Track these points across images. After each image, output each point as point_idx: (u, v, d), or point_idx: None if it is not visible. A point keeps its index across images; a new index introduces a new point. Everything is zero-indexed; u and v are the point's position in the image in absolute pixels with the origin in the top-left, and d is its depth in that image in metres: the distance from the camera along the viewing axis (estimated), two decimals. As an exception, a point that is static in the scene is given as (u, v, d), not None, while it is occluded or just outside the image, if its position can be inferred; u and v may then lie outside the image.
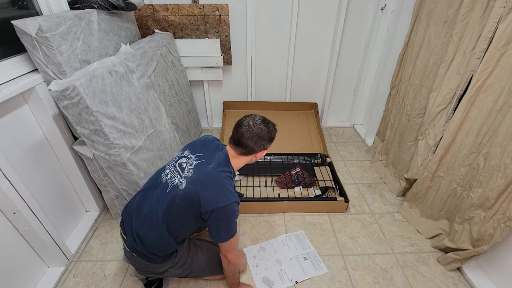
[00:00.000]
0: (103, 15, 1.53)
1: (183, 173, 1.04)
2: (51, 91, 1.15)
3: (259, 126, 1.07)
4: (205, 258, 1.25)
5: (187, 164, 1.07)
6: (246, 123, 1.08)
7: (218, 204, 0.98)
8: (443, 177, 1.51)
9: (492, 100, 1.23)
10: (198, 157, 1.08)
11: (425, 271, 1.42)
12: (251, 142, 1.06)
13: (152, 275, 1.19)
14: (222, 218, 1.01)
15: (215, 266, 1.26)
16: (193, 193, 0.98)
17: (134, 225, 1.08)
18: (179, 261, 1.18)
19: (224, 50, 2.28)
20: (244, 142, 1.06)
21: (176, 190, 1.01)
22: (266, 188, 1.89)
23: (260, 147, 1.09)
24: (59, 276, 1.36)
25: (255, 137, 1.06)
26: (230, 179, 1.07)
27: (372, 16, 2.21)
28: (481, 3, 1.24)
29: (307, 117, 2.56)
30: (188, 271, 1.22)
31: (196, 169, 1.04)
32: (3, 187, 1.06)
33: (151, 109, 1.65)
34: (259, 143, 1.08)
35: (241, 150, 1.09)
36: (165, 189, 1.04)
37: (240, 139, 1.07)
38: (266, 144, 1.11)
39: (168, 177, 1.07)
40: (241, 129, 1.07)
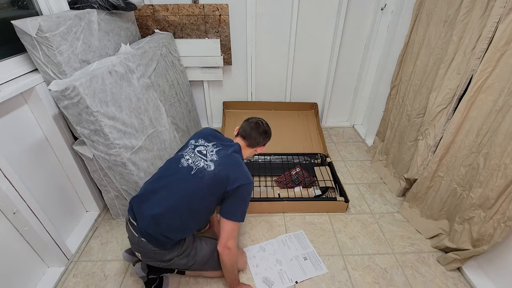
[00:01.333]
0: (103, 15, 1.53)
1: (207, 158, 1.15)
2: (51, 91, 1.15)
3: (266, 125, 1.32)
4: (208, 250, 1.27)
5: (207, 151, 1.18)
6: (255, 121, 1.30)
7: (244, 181, 1.11)
8: (443, 177, 1.51)
9: (492, 100, 1.23)
10: (215, 145, 1.21)
11: (425, 271, 1.42)
12: (259, 136, 1.27)
13: (157, 263, 1.18)
14: (243, 196, 1.14)
15: (217, 260, 1.27)
16: (222, 173, 1.10)
17: (151, 208, 1.08)
18: (185, 250, 1.19)
19: (224, 50, 2.28)
20: (254, 135, 1.27)
21: (203, 172, 1.10)
22: (266, 188, 1.89)
23: (262, 142, 1.30)
24: (59, 276, 1.36)
25: (263, 133, 1.29)
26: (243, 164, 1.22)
27: (372, 16, 2.21)
28: (481, 3, 1.24)
29: (307, 117, 2.56)
30: (192, 262, 1.23)
31: (218, 154, 1.16)
32: (3, 187, 1.06)
33: (151, 109, 1.65)
34: (263, 138, 1.30)
35: (248, 142, 1.27)
36: (189, 172, 1.11)
37: (250, 133, 1.27)
38: (266, 140, 1.33)
39: (190, 161, 1.15)
40: (252, 125, 1.28)
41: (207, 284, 1.36)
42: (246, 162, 2.10)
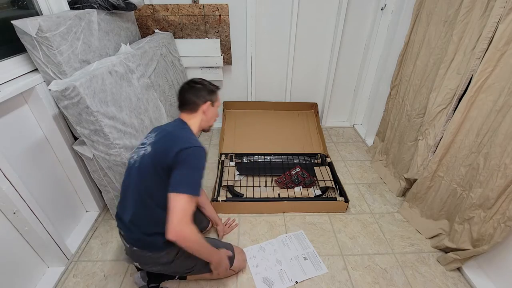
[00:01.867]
0: (103, 15, 1.53)
1: (146, 144, 1.10)
2: (51, 91, 1.15)
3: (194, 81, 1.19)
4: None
5: (148, 140, 1.12)
6: (185, 82, 1.20)
7: (183, 145, 1.00)
8: (443, 177, 1.51)
9: (492, 100, 1.23)
10: (158, 133, 1.13)
11: (425, 271, 1.42)
12: (191, 95, 1.16)
13: (158, 267, 1.15)
14: (187, 161, 0.99)
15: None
16: (159, 149, 1.04)
17: (126, 214, 1.08)
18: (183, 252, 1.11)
19: (224, 50, 2.28)
20: (185, 98, 1.16)
21: (144, 158, 1.06)
22: (266, 188, 1.89)
23: (202, 99, 1.17)
24: (59, 276, 1.36)
25: (193, 90, 1.16)
26: (193, 135, 1.13)
27: (372, 16, 2.21)
28: (481, 3, 1.24)
29: (307, 117, 2.56)
30: (194, 263, 1.19)
31: (157, 135, 1.11)
32: (3, 187, 1.06)
33: (151, 109, 1.65)
34: (199, 95, 1.16)
35: (187, 108, 1.17)
36: (135, 165, 1.08)
37: (181, 97, 1.17)
38: (207, 95, 1.18)
39: (135, 157, 1.11)
40: (180, 89, 1.19)
41: (207, 285, 1.36)
42: (247, 162, 2.11)
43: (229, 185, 1.85)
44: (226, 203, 1.71)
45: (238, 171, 2.03)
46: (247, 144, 2.25)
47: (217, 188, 1.81)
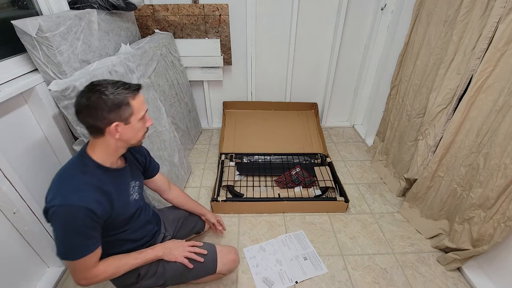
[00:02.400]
0: (103, 15, 1.53)
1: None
2: (51, 91, 1.15)
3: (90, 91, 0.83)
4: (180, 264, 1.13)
5: None
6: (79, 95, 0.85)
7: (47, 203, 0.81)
8: (443, 177, 1.51)
9: (492, 100, 1.23)
10: None
11: (425, 271, 1.42)
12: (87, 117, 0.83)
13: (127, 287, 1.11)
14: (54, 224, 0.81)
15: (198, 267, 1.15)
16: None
17: None
18: (147, 272, 1.09)
19: (224, 50, 2.28)
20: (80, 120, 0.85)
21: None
22: (266, 188, 1.89)
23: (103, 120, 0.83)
24: (59, 276, 1.36)
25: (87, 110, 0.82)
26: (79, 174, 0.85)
27: (372, 16, 2.21)
28: (481, 3, 1.24)
29: (307, 117, 2.56)
30: (163, 280, 1.12)
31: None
32: (3, 187, 1.06)
33: (151, 109, 1.65)
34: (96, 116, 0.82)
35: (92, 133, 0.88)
36: None
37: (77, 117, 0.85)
38: (108, 114, 0.83)
39: None
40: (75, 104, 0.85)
41: (207, 285, 1.36)
42: (247, 162, 2.11)
43: (229, 185, 1.85)
44: (226, 203, 1.71)
45: (238, 171, 2.03)
46: (247, 144, 2.25)
47: (217, 188, 1.81)
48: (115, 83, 0.87)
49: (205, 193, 1.92)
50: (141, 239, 1.11)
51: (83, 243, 0.84)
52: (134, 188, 1.06)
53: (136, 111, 0.88)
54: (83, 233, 0.83)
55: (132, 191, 1.05)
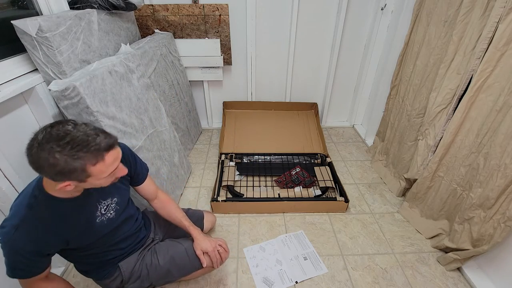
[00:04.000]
0: (103, 15, 1.53)
1: None
2: (51, 91, 1.15)
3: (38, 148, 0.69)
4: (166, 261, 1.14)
5: None
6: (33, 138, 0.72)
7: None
8: (443, 177, 1.51)
9: (492, 100, 1.23)
10: None
11: (425, 271, 1.42)
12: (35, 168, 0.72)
13: None
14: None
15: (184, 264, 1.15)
16: None
17: None
18: (131, 276, 1.11)
19: (224, 50, 2.28)
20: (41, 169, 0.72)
21: None
22: (266, 188, 1.89)
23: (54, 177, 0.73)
24: (59, 276, 1.36)
25: (33, 165, 0.71)
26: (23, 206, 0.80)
27: (372, 16, 2.21)
28: (481, 3, 1.24)
29: (307, 117, 2.56)
30: (149, 282, 1.14)
31: None
32: (3, 187, 1.06)
33: (151, 109, 1.65)
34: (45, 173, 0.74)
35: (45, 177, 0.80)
36: None
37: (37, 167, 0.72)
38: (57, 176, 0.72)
39: None
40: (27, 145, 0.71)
41: (207, 285, 1.36)
42: (247, 162, 2.11)
43: (229, 185, 1.85)
44: (226, 203, 1.71)
45: (238, 171, 2.03)
46: (247, 144, 2.25)
47: (217, 188, 1.81)
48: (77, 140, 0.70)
49: (205, 193, 1.92)
50: (126, 247, 1.11)
51: (22, 269, 0.84)
52: (107, 206, 0.98)
53: (96, 175, 0.76)
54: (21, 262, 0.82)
55: (104, 210, 0.97)
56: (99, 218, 0.96)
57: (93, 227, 0.94)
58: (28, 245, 0.80)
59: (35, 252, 0.82)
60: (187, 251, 1.17)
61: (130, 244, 1.14)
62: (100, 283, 1.12)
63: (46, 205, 0.82)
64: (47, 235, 0.83)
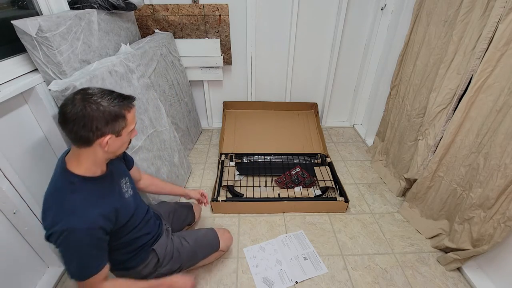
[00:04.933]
0: (103, 15, 1.53)
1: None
2: (51, 91, 1.15)
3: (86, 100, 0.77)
4: (192, 243, 1.26)
5: None
6: (70, 100, 0.78)
7: (45, 234, 0.80)
8: (443, 177, 1.51)
9: (492, 100, 1.23)
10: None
11: (425, 271, 1.42)
12: (77, 127, 0.77)
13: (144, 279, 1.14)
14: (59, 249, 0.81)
15: (206, 245, 1.30)
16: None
17: None
18: (165, 257, 1.16)
19: (224, 50, 2.28)
20: (69, 128, 0.77)
21: None
22: (266, 188, 1.89)
23: (96, 132, 0.79)
24: (59, 276, 1.36)
25: (79, 119, 0.76)
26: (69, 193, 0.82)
27: (372, 16, 2.21)
28: (481, 3, 1.24)
29: (307, 117, 2.56)
30: (179, 264, 1.21)
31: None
32: (3, 187, 1.06)
33: (151, 109, 1.65)
34: (90, 127, 0.77)
35: (74, 142, 0.82)
36: None
37: (63, 125, 0.78)
38: (104, 126, 0.79)
39: None
40: (62, 109, 0.78)
41: (207, 284, 1.36)
42: (247, 162, 2.11)
43: (229, 185, 1.85)
44: (226, 203, 1.71)
45: (238, 171, 2.03)
46: (247, 144, 2.25)
47: (217, 188, 1.81)
48: (111, 93, 0.82)
49: (205, 193, 1.92)
50: (151, 232, 1.15)
51: (90, 264, 0.84)
52: (126, 184, 1.05)
53: (129, 124, 0.86)
54: (89, 254, 0.83)
55: (126, 188, 1.05)
56: (126, 194, 1.03)
57: (125, 200, 1.01)
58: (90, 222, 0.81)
59: (96, 238, 0.83)
60: (206, 234, 1.33)
61: (152, 228, 1.17)
62: (132, 272, 1.11)
63: (85, 187, 0.85)
64: (99, 208, 0.85)
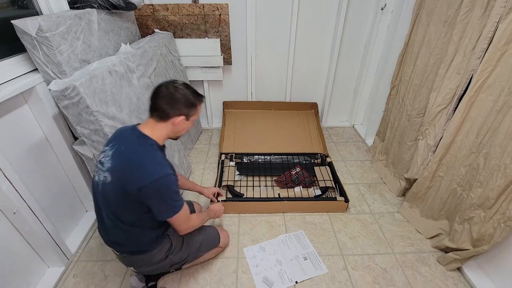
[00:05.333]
0: (103, 14, 1.53)
1: (104, 167, 1.01)
2: (51, 91, 1.15)
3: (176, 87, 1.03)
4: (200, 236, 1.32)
5: (105, 157, 1.03)
6: (161, 86, 1.04)
7: (143, 182, 0.94)
8: (443, 177, 1.51)
9: (492, 100, 1.23)
10: (112, 146, 1.04)
11: (425, 271, 1.42)
12: (164, 103, 1.01)
13: (153, 267, 1.18)
14: (154, 195, 0.97)
15: (209, 240, 1.37)
16: (120, 180, 0.97)
17: (107, 236, 1.11)
18: (176, 246, 1.20)
19: (224, 50, 2.28)
20: (157, 103, 1.02)
21: (105, 186, 1.00)
22: (266, 188, 1.89)
23: (176, 111, 1.02)
24: (59, 276, 1.36)
25: (169, 98, 1.01)
26: (154, 151, 1.02)
27: (372, 16, 2.21)
28: (481, 2, 1.24)
29: (307, 117, 2.56)
30: (186, 254, 1.26)
31: (112, 158, 1.00)
32: (3, 187, 1.06)
33: (151, 109, 1.65)
34: (174, 106, 1.02)
35: (156, 115, 1.03)
36: (99, 189, 1.03)
37: (154, 100, 1.03)
38: (184, 108, 1.03)
39: (96, 178, 1.05)
40: (156, 94, 1.03)
41: (207, 284, 1.36)
42: (247, 162, 2.11)
43: (229, 185, 1.85)
44: (226, 203, 1.71)
45: (238, 171, 2.03)
46: (247, 144, 2.25)
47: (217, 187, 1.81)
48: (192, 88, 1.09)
49: (205, 193, 1.92)
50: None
51: (180, 198, 1.06)
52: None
53: (196, 114, 1.11)
54: (177, 192, 1.04)
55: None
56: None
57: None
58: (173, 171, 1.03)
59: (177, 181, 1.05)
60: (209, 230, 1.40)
61: None
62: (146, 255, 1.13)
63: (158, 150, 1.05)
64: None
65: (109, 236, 1.10)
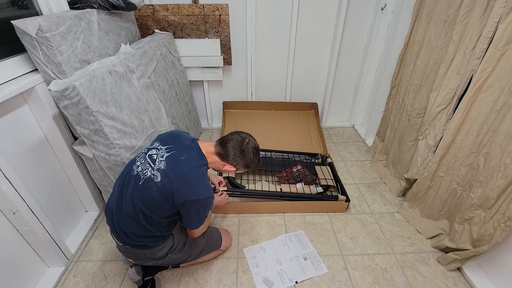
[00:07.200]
0: (103, 15, 1.53)
1: (155, 165, 1.05)
2: (51, 91, 1.15)
3: (249, 147, 1.15)
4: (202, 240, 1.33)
5: (158, 156, 1.08)
6: (243, 136, 1.16)
7: (190, 197, 1.03)
8: (443, 177, 1.50)
9: (492, 100, 1.23)
10: (169, 149, 1.09)
11: (425, 271, 1.42)
12: (233, 151, 1.12)
13: (152, 261, 1.20)
14: (193, 210, 1.08)
15: (211, 242, 1.38)
16: (168, 186, 1.02)
17: (116, 222, 1.11)
18: (177, 245, 1.22)
19: (224, 50, 2.28)
20: (228, 146, 1.12)
21: (150, 183, 1.03)
22: (268, 183, 1.89)
23: (234, 161, 1.14)
24: (59, 276, 1.36)
25: (238, 151, 1.13)
26: (205, 172, 1.13)
27: (372, 16, 2.21)
28: (481, 3, 1.24)
29: (307, 117, 2.55)
30: (188, 255, 1.27)
31: (168, 161, 1.05)
32: (3, 187, 1.06)
33: (151, 109, 1.65)
34: (236, 157, 1.13)
35: (219, 150, 1.14)
36: (138, 181, 1.05)
37: (227, 142, 1.13)
38: (240, 164, 1.15)
39: (139, 169, 1.08)
40: (235, 136, 1.15)
41: (207, 285, 1.36)
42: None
43: (230, 176, 1.85)
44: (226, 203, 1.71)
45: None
46: (247, 144, 2.24)
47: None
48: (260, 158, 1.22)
49: (205, 193, 1.92)
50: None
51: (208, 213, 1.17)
52: None
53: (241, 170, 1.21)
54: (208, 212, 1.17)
55: None
56: None
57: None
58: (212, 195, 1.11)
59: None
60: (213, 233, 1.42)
61: None
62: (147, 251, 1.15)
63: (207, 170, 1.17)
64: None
65: (120, 225, 1.10)
